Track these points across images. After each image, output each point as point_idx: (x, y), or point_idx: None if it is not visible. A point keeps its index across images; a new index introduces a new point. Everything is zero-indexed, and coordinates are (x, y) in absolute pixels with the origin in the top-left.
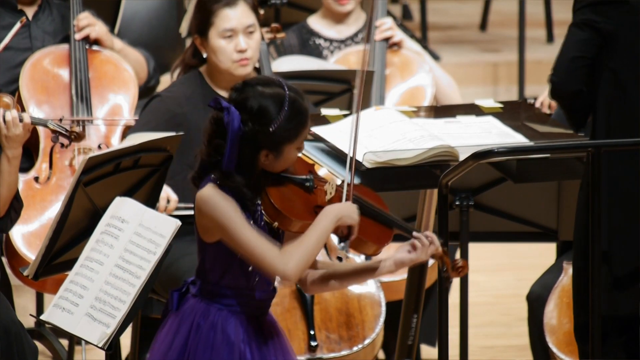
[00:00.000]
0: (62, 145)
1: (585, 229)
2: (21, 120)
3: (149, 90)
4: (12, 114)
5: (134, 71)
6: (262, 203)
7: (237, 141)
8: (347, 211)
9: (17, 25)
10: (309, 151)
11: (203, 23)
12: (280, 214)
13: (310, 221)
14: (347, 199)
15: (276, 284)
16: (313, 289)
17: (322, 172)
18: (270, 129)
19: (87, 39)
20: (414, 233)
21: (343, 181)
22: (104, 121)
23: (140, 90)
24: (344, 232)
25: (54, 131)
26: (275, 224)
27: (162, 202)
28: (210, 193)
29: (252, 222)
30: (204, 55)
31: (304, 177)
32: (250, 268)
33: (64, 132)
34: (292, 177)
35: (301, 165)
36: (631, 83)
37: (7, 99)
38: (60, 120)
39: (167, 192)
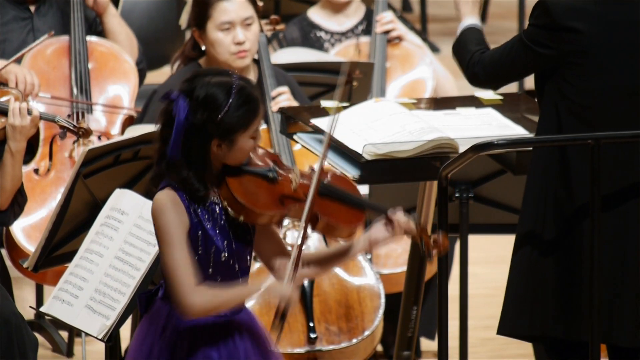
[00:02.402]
0: (62, 137)
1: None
2: (30, 113)
3: (139, 72)
4: (22, 105)
5: (124, 45)
6: (225, 199)
7: (183, 130)
8: (279, 292)
9: (45, 37)
10: (308, 142)
11: (201, 16)
12: (244, 207)
13: (277, 212)
14: (316, 185)
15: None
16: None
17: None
18: (219, 117)
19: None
20: (388, 211)
21: (312, 168)
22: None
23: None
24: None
25: (62, 127)
26: (241, 217)
27: None
28: (160, 198)
29: (210, 220)
30: (203, 48)
31: (265, 168)
32: (210, 271)
33: (72, 128)
34: (253, 169)
35: (264, 156)
36: (577, 112)
37: (15, 91)
38: (69, 116)
39: None
